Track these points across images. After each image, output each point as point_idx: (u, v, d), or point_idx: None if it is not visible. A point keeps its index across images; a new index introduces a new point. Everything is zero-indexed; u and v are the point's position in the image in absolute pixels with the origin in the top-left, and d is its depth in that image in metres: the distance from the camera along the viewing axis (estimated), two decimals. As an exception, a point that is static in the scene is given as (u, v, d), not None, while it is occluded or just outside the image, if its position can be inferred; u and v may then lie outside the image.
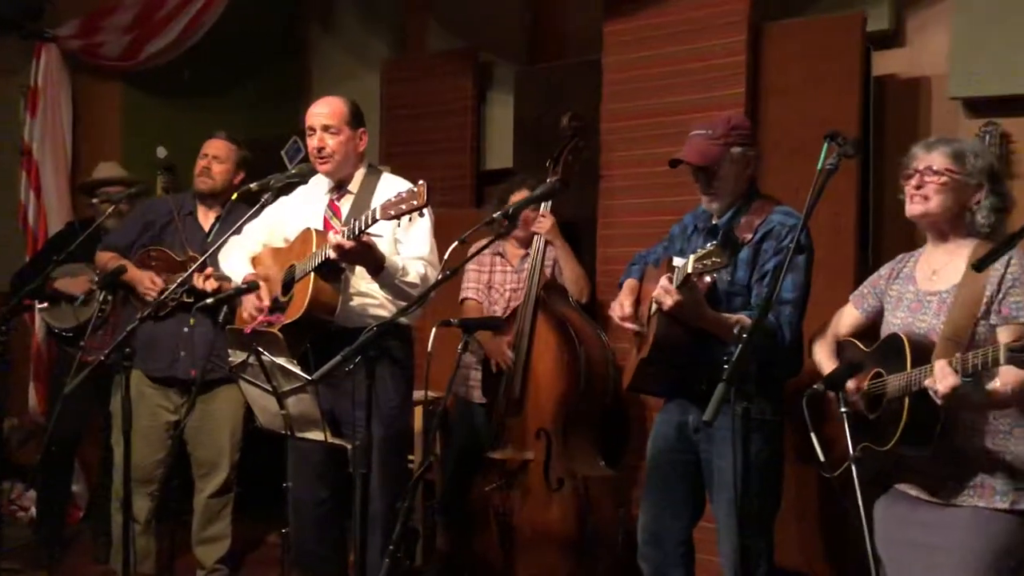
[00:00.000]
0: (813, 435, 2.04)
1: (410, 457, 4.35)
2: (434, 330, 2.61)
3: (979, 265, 1.73)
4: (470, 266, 3.87)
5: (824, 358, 2.50)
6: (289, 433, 2.78)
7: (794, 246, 2.03)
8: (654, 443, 2.88)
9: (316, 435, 2.69)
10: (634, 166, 3.92)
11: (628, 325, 2.80)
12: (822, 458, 2.18)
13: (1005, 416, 2.19)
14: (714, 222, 2.82)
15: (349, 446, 2.67)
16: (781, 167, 3.46)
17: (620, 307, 2.84)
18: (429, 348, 2.62)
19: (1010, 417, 2.19)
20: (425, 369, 2.68)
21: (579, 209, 4.07)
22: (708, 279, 2.42)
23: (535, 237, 3.53)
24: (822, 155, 2.15)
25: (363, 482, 2.52)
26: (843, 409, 1.95)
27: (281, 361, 2.57)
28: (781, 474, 2.75)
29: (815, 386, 2.10)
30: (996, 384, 2.07)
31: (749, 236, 2.67)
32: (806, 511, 3.51)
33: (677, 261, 2.57)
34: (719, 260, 2.29)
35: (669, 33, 3.87)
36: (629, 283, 2.95)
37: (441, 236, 3.16)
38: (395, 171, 3.54)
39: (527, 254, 3.70)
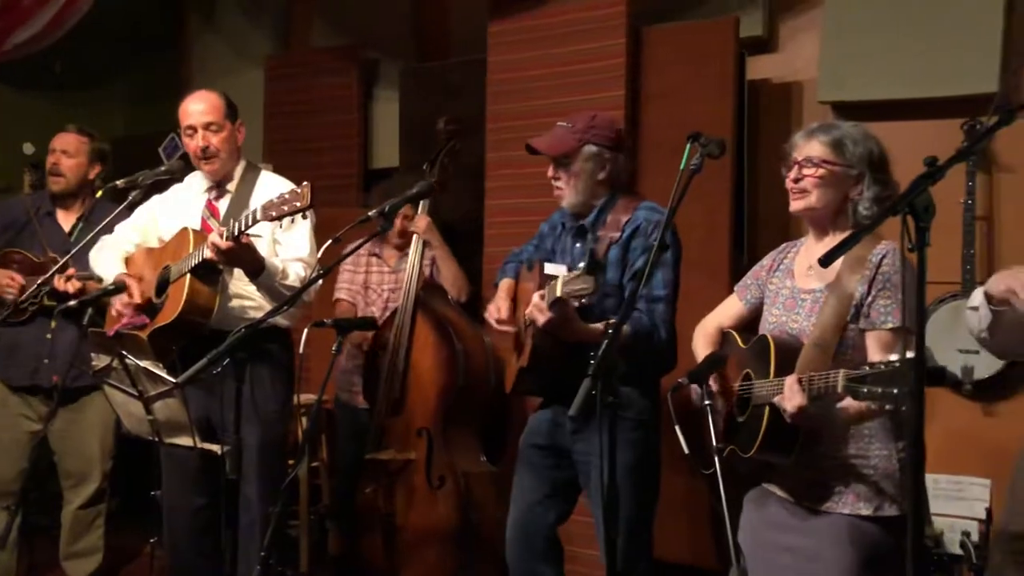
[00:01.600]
0: (678, 428, 2.06)
1: (290, 462, 4.29)
2: (306, 331, 2.56)
3: (824, 260, 1.70)
4: (345, 266, 3.80)
5: (703, 349, 2.45)
6: (157, 439, 2.68)
7: (658, 244, 2.03)
8: (527, 438, 2.87)
9: (185, 440, 2.60)
10: (519, 166, 3.93)
11: (505, 328, 2.78)
12: (686, 450, 2.19)
13: (858, 427, 2.15)
14: (581, 222, 2.79)
15: (219, 451, 2.59)
16: (660, 169, 3.53)
17: (497, 310, 2.81)
18: (301, 349, 2.56)
19: (871, 423, 2.15)
20: (297, 371, 2.61)
21: (457, 210, 4.07)
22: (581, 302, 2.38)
23: (413, 237, 3.51)
24: (685, 155, 2.18)
25: (233, 488, 2.44)
26: (706, 402, 1.96)
27: (146, 364, 2.48)
28: (658, 471, 2.76)
29: (680, 380, 2.11)
30: (846, 403, 2.03)
31: (617, 235, 2.66)
32: (694, 504, 3.57)
33: (549, 268, 2.55)
34: (587, 287, 2.25)
35: (552, 35, 3.91)
36: (505, 284, 2.92)
37: (327, 236, 3.10)
38: (279, 169, 3.46)
39: (405, 255, 3.68)
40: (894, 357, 1.72)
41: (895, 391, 1.67)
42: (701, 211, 3.41)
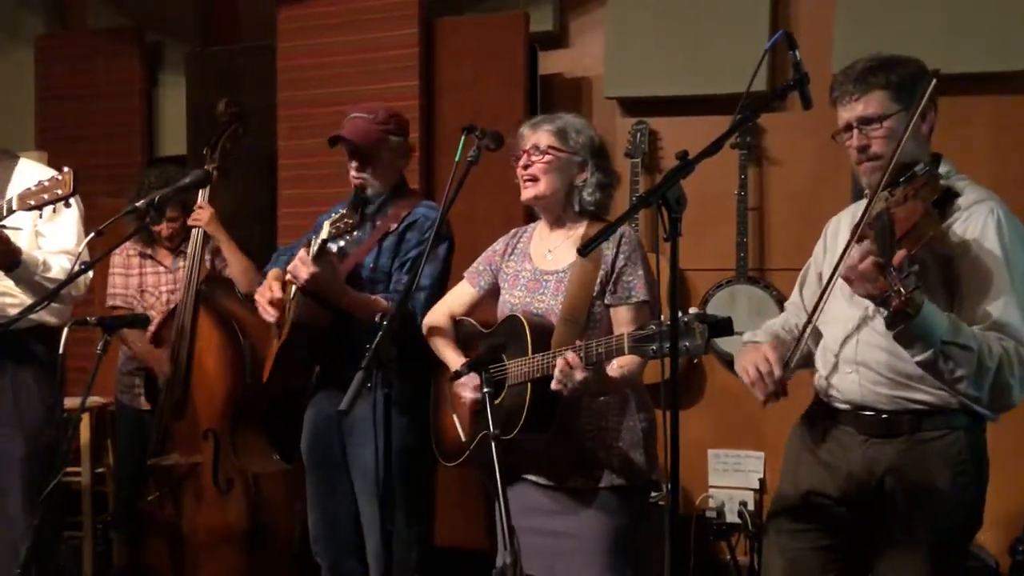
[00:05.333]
0: (455, 415, 2.06)
1: (77, 470, 4.02)
2: (66, 330, 2.38)
3: (583, 250, 1.77)
4: (115, 271, 3.57)
5: (442, 344, 2.46)
6: None
7: (434, 235, 2.05)
8: (307, 437, 2.82)
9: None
10: (309, 155, 3.85)
11: (272, 311, 2.71)
12: (463, 437, 2.20)
13: (613, 396, 2.24)
14: (363, 211, 2.80)
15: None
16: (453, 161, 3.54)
17: (268, 289, 2.74)
18: (62, 350, 2.39)
19: (618, 396, 2.25)
20: (59, 373, 2.43)
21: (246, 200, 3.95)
22: (342, 244, 2.38)
23: (193, 230, 3.33)
24: (459, 148, 2.20)
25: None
26: (485, 390, 1.97)
27: None
28: (428, 455, 2.72)
29: (459, 368, 2.11)
30: (613, 367, 2.14)
31: (394, 225, 2.69)
32: (468, 488, 3.63)
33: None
34: (350, 220, 2.30)
35: (343, 22, 3.85)
36: (274, 272, 2.86)
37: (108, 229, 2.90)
38: (54, 158, 3.23)
39: (180, 253, 3.51)
40: (685, 315, 1.78)
41: (686, 344, 1.76)
42: (498, 204, 3.45)
